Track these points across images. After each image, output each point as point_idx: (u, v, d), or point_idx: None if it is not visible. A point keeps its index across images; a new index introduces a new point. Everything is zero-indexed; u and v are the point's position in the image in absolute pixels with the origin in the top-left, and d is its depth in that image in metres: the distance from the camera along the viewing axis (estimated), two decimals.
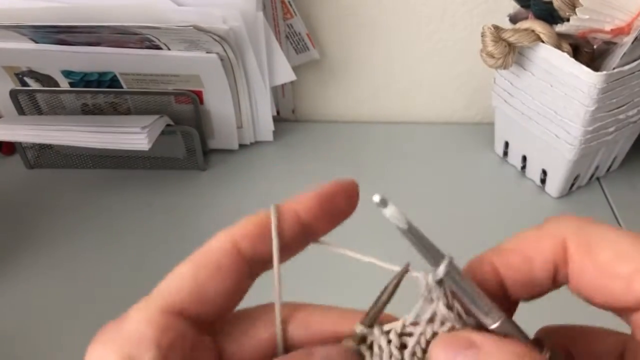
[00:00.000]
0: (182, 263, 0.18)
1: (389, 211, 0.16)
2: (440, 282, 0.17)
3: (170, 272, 0.18)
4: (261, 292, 0.20)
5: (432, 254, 0.17)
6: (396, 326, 0.18)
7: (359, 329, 0.18)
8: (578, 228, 0.18)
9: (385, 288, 0.18)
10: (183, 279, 0.17)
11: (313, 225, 0.19)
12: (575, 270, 0.18)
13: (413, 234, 0.17)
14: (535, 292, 0.20)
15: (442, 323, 0.18)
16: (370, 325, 0.18)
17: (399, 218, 0.17)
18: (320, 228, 0.19)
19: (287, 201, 0.19)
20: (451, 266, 0.17)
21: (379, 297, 0.18)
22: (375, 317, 0.18)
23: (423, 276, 0.18)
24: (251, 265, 0.18)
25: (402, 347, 0.18)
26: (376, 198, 0.16)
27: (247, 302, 0.19)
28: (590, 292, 0.18)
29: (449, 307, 0.18)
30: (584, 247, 0.18)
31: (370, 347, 0.18)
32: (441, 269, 0.17)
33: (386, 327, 0.18)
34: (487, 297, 0.18)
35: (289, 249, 0.19)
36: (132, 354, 0.16)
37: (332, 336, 0.18)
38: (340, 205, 0.19)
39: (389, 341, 0.18)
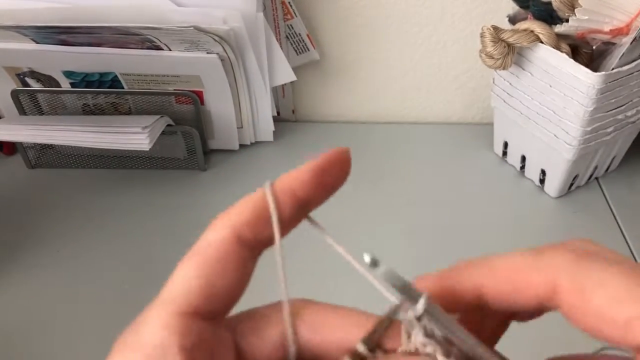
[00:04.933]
0: (185, 261, 0.17)
1: (381, 271, 0.17)
2: (419, 318, 0.17)
3: (175, 272, 0.17)
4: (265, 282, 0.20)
5: (412, 294, 0.17)
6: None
7: (361, 348, 0.18)
8: (572, 265, 0.17)
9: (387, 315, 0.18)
10: (191, 279, 0.17)
11: (309, 199, 0.19)
12: (569, 312, 0.17)
13: (395, 280, 0.17)
14: (518, 318, 0.20)
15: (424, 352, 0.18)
16: (372, 349, 0.18)
17: (392, 277, 0.17)
18: (315, 200, 0.19)
19: (282, 177, 0.18)
20: (429, 303, 0.17)
21: (383, 319, 0.18)
22: (376, 338, 0.18)
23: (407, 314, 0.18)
24: (252, 249, 0.18)
25: None
26: (367, 258, 0.16)
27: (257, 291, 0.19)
28: (588, 331, 0.17)
29: (428, 335, 0.18)
30: (576, 290, 0.17)
31: None
32: (420, 306, 0.17)
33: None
34: (467, 331, 0.18)
35: (287, 226, 0.19)
36: None
37: (340, 340, 0.18)
38: (335, 175, 0.19)
39: None
